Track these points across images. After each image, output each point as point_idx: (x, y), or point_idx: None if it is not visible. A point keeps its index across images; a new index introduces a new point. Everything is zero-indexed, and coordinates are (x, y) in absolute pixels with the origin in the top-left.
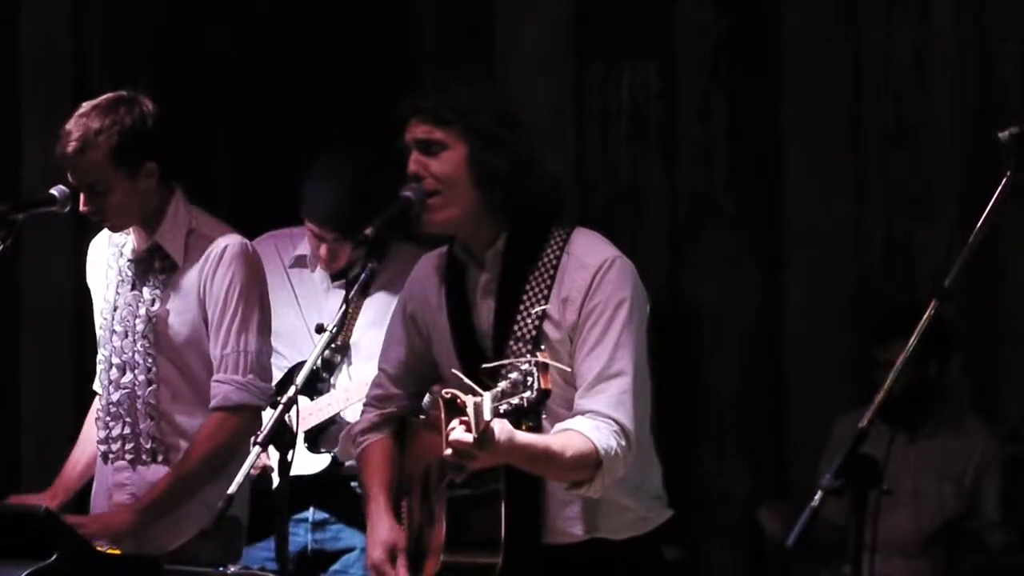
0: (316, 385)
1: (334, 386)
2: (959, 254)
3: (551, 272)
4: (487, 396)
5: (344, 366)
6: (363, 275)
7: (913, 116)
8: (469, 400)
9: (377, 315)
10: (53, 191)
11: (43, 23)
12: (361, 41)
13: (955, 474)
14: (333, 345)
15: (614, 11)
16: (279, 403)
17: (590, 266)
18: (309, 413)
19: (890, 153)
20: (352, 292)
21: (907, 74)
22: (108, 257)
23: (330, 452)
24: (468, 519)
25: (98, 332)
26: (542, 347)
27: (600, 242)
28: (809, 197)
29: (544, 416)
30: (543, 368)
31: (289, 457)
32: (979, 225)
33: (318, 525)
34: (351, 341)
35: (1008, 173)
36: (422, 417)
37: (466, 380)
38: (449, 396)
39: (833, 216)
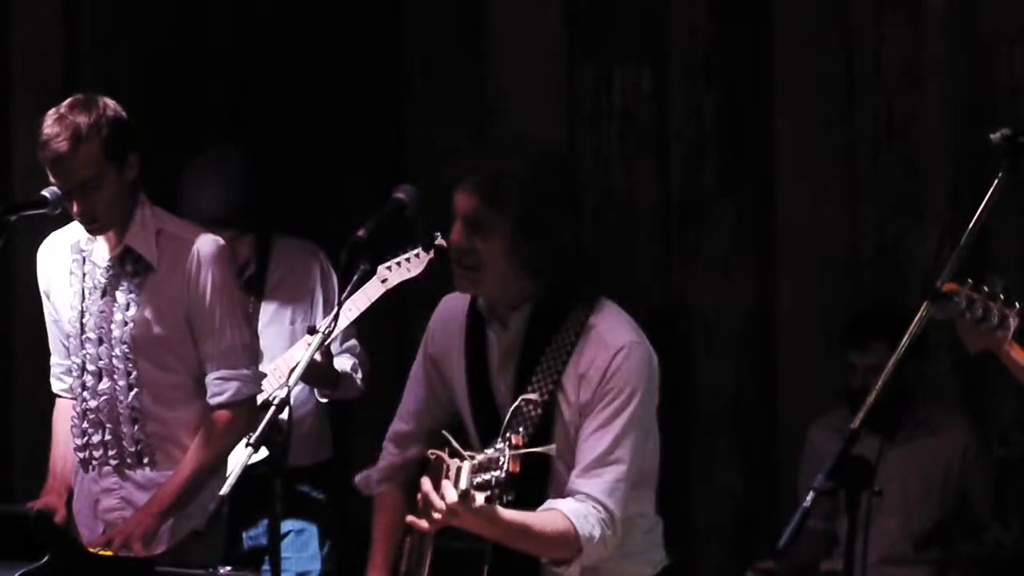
0: None
1: None
2: (951, 256)
3: (568, 348)
4: (465, 466)
5: None
6: (355, 277)
7: (905, 118)
8: (453, 464)
9: (275, 316)
10: (45, 193)
11: (33, 24)
12: (353, 43)
13: (939, 475)
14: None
15: (606, 13)
16: (271, 404)
17: (611, 347)
18: None
19: (882, 155)
20: (345, 295)
21: (899, 76)
22: (70, 264)
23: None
24: (449, 572)
25: (60, 339)
26: (519, 430)
27: (623, 322)
28: (800, 199)
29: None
30: (515, 451)
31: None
32: (971, 227)
33: (250, 523)
34: None
35: (999, 175)
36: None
37: (454, 443)
38: (435, 457)
39: (825, 218)
